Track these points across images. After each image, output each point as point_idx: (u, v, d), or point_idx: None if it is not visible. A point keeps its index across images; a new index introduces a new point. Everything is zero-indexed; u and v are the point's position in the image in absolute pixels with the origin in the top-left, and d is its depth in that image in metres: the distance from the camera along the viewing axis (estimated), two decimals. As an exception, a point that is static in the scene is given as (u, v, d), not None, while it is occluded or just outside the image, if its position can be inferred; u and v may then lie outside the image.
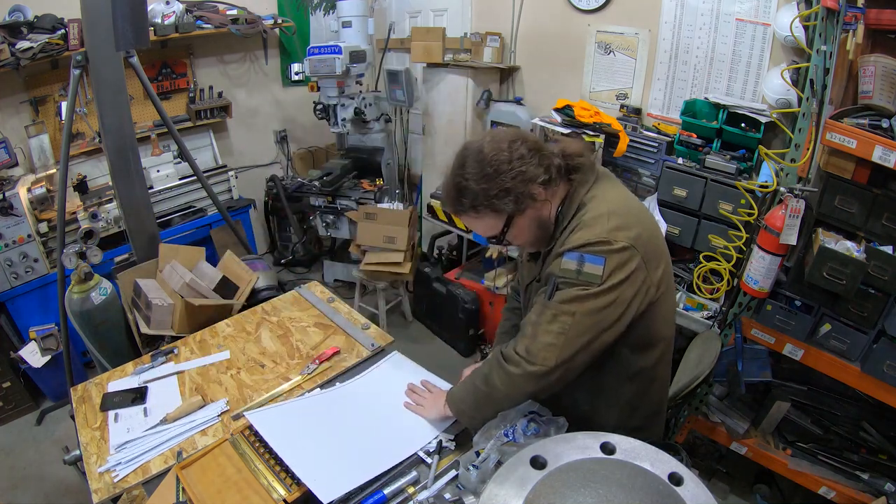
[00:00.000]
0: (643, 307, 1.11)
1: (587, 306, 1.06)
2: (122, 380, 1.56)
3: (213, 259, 2.33)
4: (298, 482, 1.14)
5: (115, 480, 1.22)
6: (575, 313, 1.06)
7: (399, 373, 1.51)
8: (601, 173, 1.21)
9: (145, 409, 1.43)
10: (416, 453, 1.26)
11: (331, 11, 3.81)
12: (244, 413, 1.33)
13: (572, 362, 1.09)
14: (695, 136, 2.44)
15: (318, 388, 1.48)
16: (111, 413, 1.42)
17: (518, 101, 3.13)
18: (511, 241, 1.20)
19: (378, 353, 1.62)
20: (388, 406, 1.39)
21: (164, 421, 1.37)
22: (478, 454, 1.16)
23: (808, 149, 1.77)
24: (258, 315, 1.83)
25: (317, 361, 1.56)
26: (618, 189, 1.20)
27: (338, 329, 1.72)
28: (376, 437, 1.29)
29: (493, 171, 1.10)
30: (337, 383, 1.50)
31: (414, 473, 1.21)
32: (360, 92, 3.41)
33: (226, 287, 2.12)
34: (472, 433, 1.22)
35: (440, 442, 1.28)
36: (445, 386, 1.42)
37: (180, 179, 3.25)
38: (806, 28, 2.02)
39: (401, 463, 1.22)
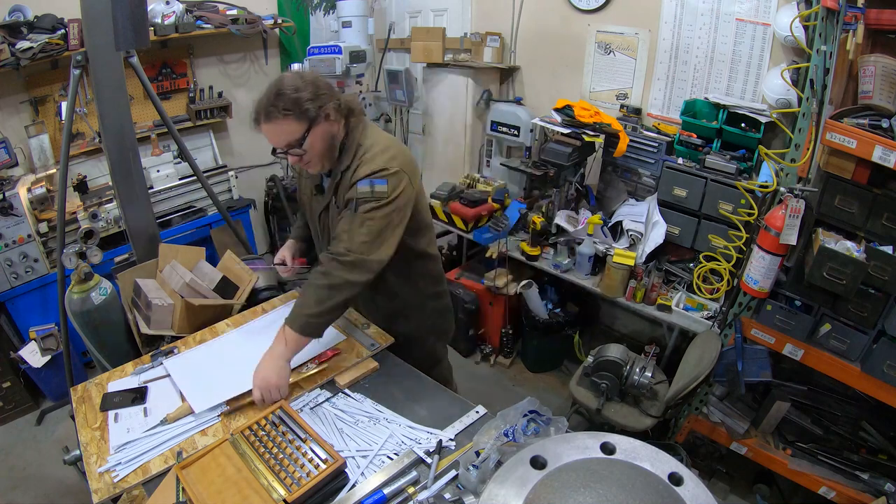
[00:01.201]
0: (411, 206, 1.54)
1: (381, 213, 1.46)
2: (122, 380, 1.56)
3: (213, 259, 2.33)
4: (299, 482, 1.14)
5: (115, 480, 1.22)
6: (374, 218, 1.45)
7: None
8: (367, 121, 1.60)
9: (145, 410, 1.43)
10: (417, 456, 1.26)
11: (331, 11, 3.82)
12: (163, 363, 1.58)
13: (380, 251, 1.47)
14: (695, 136, 2.44)
15: (324, 391, 1.48)
16: (111, 413, 1.42)
17: (518, 101, 3.13)
18: (305, 151, 1.44)
19: (378, 353, 1.62)
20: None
21: (164, 421, 1.38)
22: (478, 454, 1.16)
23: (808, 149, 1.77)
24: (258, 315, 1.83)
25: (316, 362, 1.56)
26: (380, 131, 1.61)
27: (339, 329, 1.72)
28: (255, 362, 1.45)
29: (304, 84, 1.40)
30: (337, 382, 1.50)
31: (414, 473, 1.21)
32: (360, 92, 3.41)
33: (226, 287, 2.12)
34: (472, 434, 1.22)
35: (440, 442, 1.28)
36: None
37: (180, 179, 3.25)
38: (806, 28, 2.02)
39: (407, 468, 1.22)
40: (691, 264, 2.54)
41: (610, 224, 2.69)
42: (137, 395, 1.47)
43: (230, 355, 1.62)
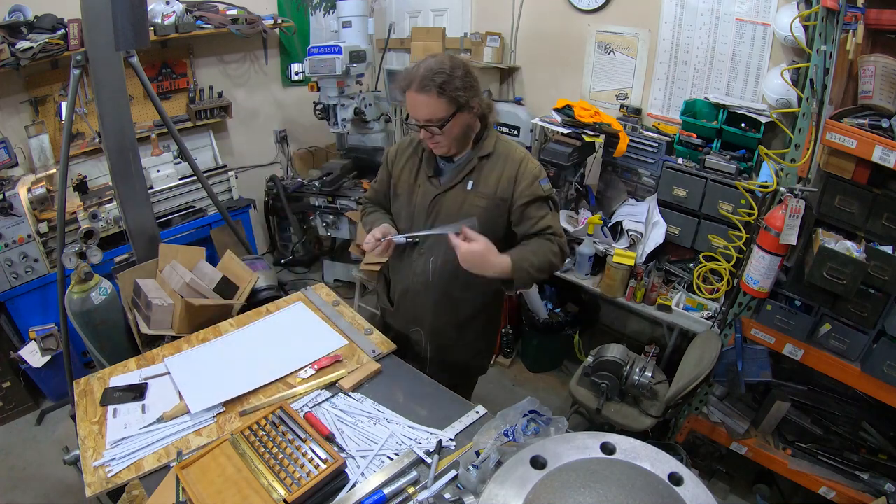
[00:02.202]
0: None
1: (558, 208, 1.64)
2: (124, 375, 1.57)
3: (213, 259, 2.33)
4: (299, 482, 1.14)
5: (109, 475, 1.23)
6: (558, 213, 1.64)
7: (296, 319, 1.78)
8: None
9: (143, 406, 1.44)
10: (417, 456, 1.26)
11: (331, 11, 3.82)
12: (164, 360, 1.59)
13: None
14: (695, 136, 2.44)
15: (325, 391, 1.48)
16: (110, 408, 1.43)
17: (518, 101, 3.13)
18: (443, 133, 1.48)
19: (381, 359, 1.62)
20: (276, 342, 1.67)
21: (160, 419, 1.38)
22: (478, 454, 1.16)
23: (808, 149, 1.77)
24: (262, 315, 1.83)
25: (315, 367, 1.55)
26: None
27: (341, 333, 1.72)
28: (255, 365, 1.54)
29: (463, 72, 1.45)
30: (339, 384, 1.50)
31: (414, 473, 1.21)
32: (360, 92, 3.41)
33: (226, 287, 2.12)
34: (472, 434, 1.22)
35: (440, 442, 1.28)
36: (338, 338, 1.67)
37: (180, 179, 3.24)
38: (806, 28, 2.02)
39: (407, 468, 1.22)
40: (691, 264, 2.54)
41: (610, 224, 2.69)
42: (137, 392, 1.47)
43: (231, 356, 1.63)
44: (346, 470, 1.22)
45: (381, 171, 1.77)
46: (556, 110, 2.77)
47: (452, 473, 1.21)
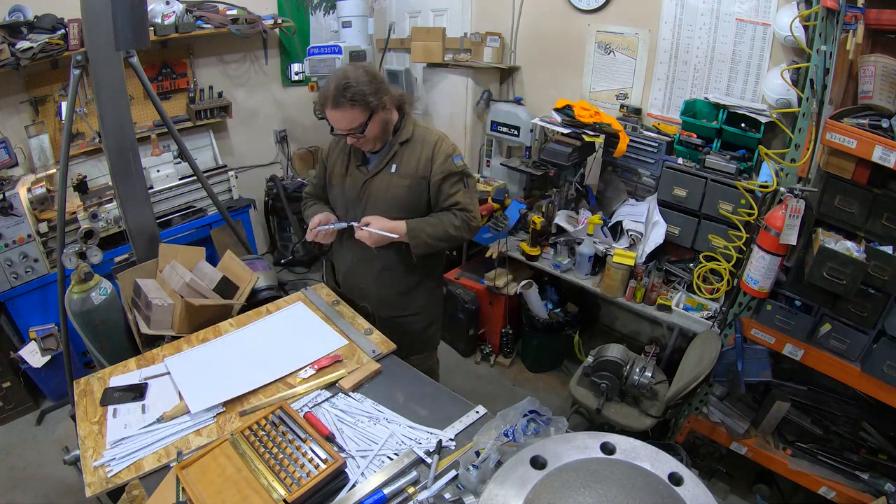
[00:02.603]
0: None
1: (473, 183, 1.86)
2: (124, 375, 1.57)
3: (213, 259, 2.33)
4: (299, 482, 1.14)
5: (109, 475, 1.23)
6: (476, 188, 1.81)
7: (296, 319, 1.80)
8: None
9: (143, 406, 1.44)
10: (417, 456, 1.26)
11: (331, 11, 3.82)
12: (164, 360, 1.59)
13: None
14: (695, 136, 2.44)
15: (326, 391, 1.48)
16: (110, 408, 1.43)
17: (518, 101, 3.13)
18: (365, 135, 1.67)
19: (381, 359, 1.62)
20: (276, 342, 1.68)
21: (160, 419, 1.38)
22: (478, 454, 1.16)
23: (808, 149, 1.77)
24: (262, 315, 1.83)
25: (315, 367, 1.55)
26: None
27: (340, 333, 1.72)
28: (255, 365, 1.56)
29: (368, 79, 1.62)
30: (340, 385, 1.50)
31: (414, 473, 1.21)
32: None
33: (226, 287, 2.12)
34: (472, 433, 1.22)
35: (440, 442, 1.28)
36: (338, 339, 1.72)
37: (180, 179, 3.24)
38: (806, 28, 2.02)
39: (407, 468, 1.22)
40: (691, 264, 2.54)
41: (610, 224, 2.69)
42: (137, 392, 1.47)
43: (231, 356, 1.63)
44: (346, 470, 1.22)
45: (318, 167, 1.98)
46: (556, 110, 2.77)
47: (452, 473, 1.21)
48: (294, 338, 1.70)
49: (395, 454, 1.27)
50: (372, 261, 1.85)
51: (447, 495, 1.15)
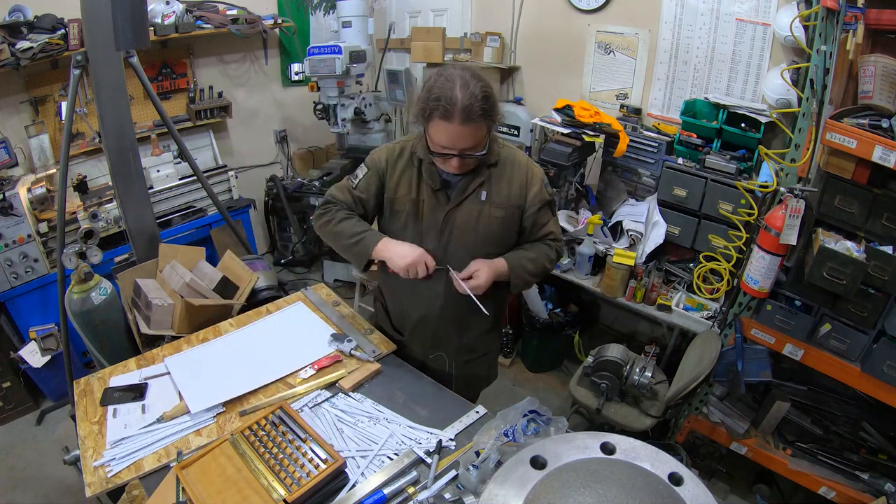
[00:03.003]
0: None
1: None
2: (124, 375, 1.57)
3: (213, 259, 2.33)
4: (299, 482, 1.14)
5: (109, 475, 1.23)
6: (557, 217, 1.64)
7: (296, 319, 1.78)
8: None
9: (143, 406, 1.44)
10: (417, 456, 1.26)
11: (331, 11, 3.81)
12: (164, 360, 1.59)
13: None
14: (695, 136, 2.44)
15: (326, 391, 1.48)
16: (110, 408, 1.43)
17: (518, 101, 3.13)
18: (479, 154, 1.40)
19: (381, 359, 1.62)
20: (276, 342, 1.66)
21: (160, 419, 1.38)
22: (478, 454, 1.16)
23: (808, 149, 1.77)
24: (262, 315, 1.83)
25: (315, 367, 1.55)
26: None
27: (341, 333, 1.72)
28: (255, 365, 1.55)
29: (493, 91, 1.35)
30: (339, 385, 1.50)
31: (414, 473, 1.21)
32: (360, 92, 3.41)
33: (226, 287, 2.12)
34: (472, 433, 1.23)
35: (440, 442, 1.28)
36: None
37: (180, 179, 3.24)
38: (806, 28, 2.02)
39: (408, 468, 1.22)
40: (691, 264, 2.54)
41: (610, 224, 2.69)
42: (137, 392, 1.47)
43: (231, 356, 1.63)
44: (346, 470, 1.22)
45: (369, 179, 1.54)
46: (556, 110, 2.77)
47: (452, 473, 1.21)
48: (294, 338, 1.69)
49: (395, 454, 1.27)
50: (451, 306, 1.57)
51: (447, 495, 1.15)
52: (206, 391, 1.45)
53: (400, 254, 1.45)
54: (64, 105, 2.82)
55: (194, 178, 3.05)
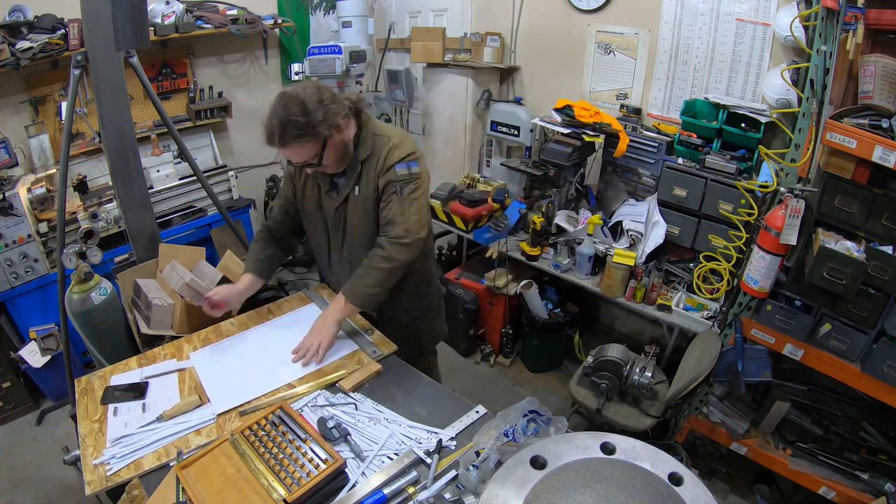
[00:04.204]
0: None
1: (420, 191, 1.62)
2: (125, 373, 1.57)
3: (213, 259, 2.33)
4: (299, 482, 1.14)
5: (109, 474, 1.23)
6: (418, 198, 1.61)
7: (308, 321, 1.70)
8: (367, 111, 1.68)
9: (144, 405, 1.44)
10: (417, 456, 1.26)
11: (331, 11, 3.82)
12: (190, 354, 1.61)
13: (425, 228, 1.64)
14: (695, 136, 2.44)
15: (326, 391, 1.48)
16: (111, 406, 1.43)
17: (518, 101, 3.13)
18: (323, 163, 1.53)
19: (382, 359, 1.62)
20: (290, 343, 1.63)
21: (160, 418, 1.38)
22: (478, 454, 1.16)
23: (808, 149, 1.77)
24: (264, 315, 1.83)
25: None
26: (381, 122, 1.73)
27: (340, 333, 1.72)
28: (277, 363, 1.57)
29: (313, 107, 1.44)
30: (339, 385, 1.50)
31: (414, 473, 1.21)
32: (360, 92, 3.41)
33: (226, 287, 2.12)
34: (472, 433, 1.23)
35: (440, 442, 1.28)
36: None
37: (180, 179, 3.24)
38: (806, 28, 2.02)
39: (408, 468, 1.22)
40: (691, 264, 2.54)
41: (610, 224, 2.69)
42: (138, 391, 1.48)
43: (250, 354, 1.64)
44: (346, 470, 1.22)
45: (285, 189, 1.80)
46: (556, 110, 2.77)
47: (452, 473, 1.21)
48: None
49: (395, 454, 1.27)
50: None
51: (447, 495, 1.15)
52: (229, 390, 1.47)
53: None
54: (64, 105, 2.82)
55: (194, 178, 3.05)
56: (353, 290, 1.60)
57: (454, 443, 1.30)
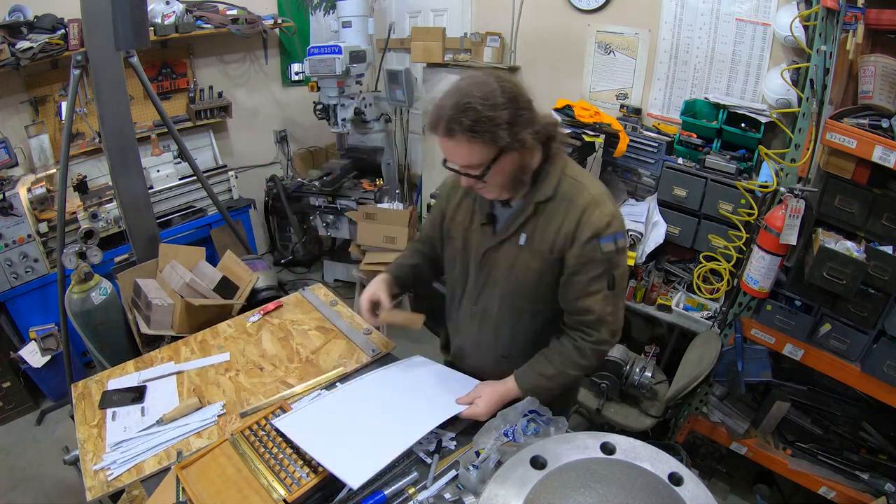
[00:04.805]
0: None
1: (626, 280, 1.29)
2: (122, 378, 1.56)
3: (213, 259, 2.33)
4: (299, 482, 1.14)
5: (109, 479, 1.23)
6: (625, 288, 1.31)
7: (411, 369, 1.52)
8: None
9: (143, 409, 1.43)
10: (417, 456, 1.26)
11: (331, 11, 3.82)
12: (272, 421, 1.28)
13: None
14: (695, 136, 2.44)
15: (326, 391, 1.48)
16: (109, 411, 1.42)
17: (518, 101, 3.12)
18: (487, 180, 1.17)
19: (381, 359, 1.62)
20: (403, 395, 1.40)
21: (160, 422, 1.37)
22: (478, 454, 1.16)
23: (808, 149, 1.77)
24: (260, 316, 1.83)
25: (261, 313, 1.75)
26: (576, 163, 1.30)
27: (339, 333, 1.72)
28: (396, 419, 1.30)
29: (503, 101, 1.10)
30: (339, 385, 1.50)
31: (414, 473, 1.21)
32: (360, 92, 3.41)
33: (226, 287, 2.12)
34: (472, 433, 1.23)
35: (440, 442, 1.28)
36: (470, 382, 1.42)
37: (180, 179, 3.25)
38: (806, 28, 2.02)
39: (408, 468, 1.22)
40: (691, 264, 2.54)
41: (610, 224, 2.68)
42: (136, 394, 1.47)
43: (359, 418, 1.33)
44: (346, 470, 1.21)
45: (434, 208, 1.48)
46: (556, 110, 2.77)
47: (452, 473, 1.20)
48: (419, 390, 1.43)
49: (396, 454, 1.26)
50: (490, 346, 1.41)
51: (447, 495, 1.15)
52: (359, 463, 1.16)
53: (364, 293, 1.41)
54: (64, 105, 2.82)
55: (194, 178, 3.06)
56: (529, 382, 1.30)
57: (454, 443, 1.30)
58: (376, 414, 1.33)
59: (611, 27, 2.81)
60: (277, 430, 1.25)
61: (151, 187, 3.01)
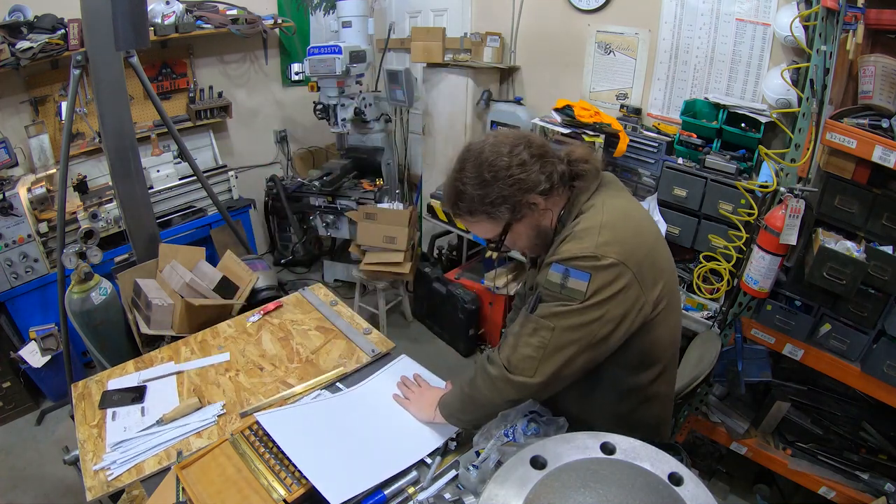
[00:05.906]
0: (635, 326, 1.08)
1: (567, 322, 1.04)
2: (122, 378, 1.56)
3: (213, 259, 2.33)
4: (299, 482, 1.14)
5: (110, 479, 1.23)
6: (554, 328, 1.04)
7: (398, 377, 1.49)
8: (606, 180, 1.18)
9: (143, 409, 1.43)
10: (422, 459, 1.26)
11: (331, 11, 3.82)
12: (254, 414, 1.30)
13: (555, 377, 1.08)
14: (695, 136, 2.44)
15: (326, 392, 1.48)
16: (109, 411, 1.42)
17: (518, 101, 3.13)
18: (510, 247, 1.20)
19: (380, 358, 1.62)
20: (395, 411, 1.39)
21: (160, 422, 1.37)
22: (478, 454, 1.16)
23: (808, 149, 1.77)
24: (260, 316, 1.83)
25: (261, 313, 1.75)
26: (620, 198, 1.16)
27: (339, 333, 1.72)
28: (384, 441, 1.29)
29: (491, 177, 1.08)
30: (340, 386, 1.50)
31: (414, 473, 1.21)
32: (360, 92, 3.41)
33: (226, 287, 2.12)
34: (472, 433, 1.23)
35: (440, 442, 1.28)
36: (439, 384, 1.45)
37: (180, 179, 3.25)
38: (806, 28, 2.02)
39: (408, 468, 1.22)
40: (691, 264, 2.54)
41: (610, 224, 2.68)
42: (136, 394, 1.47)
43: (346, 433, 1.31)
44: (346, 470, 1.21)
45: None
46: (556, 110, 2.77)
47: (452, 473, 1.20)
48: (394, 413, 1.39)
49: (396, 454, 1.26)
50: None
51: (447, 495, 1.15)
52: (343, 480, 1.15)
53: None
54: (64, 105, 2.82)
55: (194, 178, 3.06)
56: (447, 404, 1.27)
57: (454, 443, 1.30)
58: (365, 433, 1.31)
59: (611, 27, 2.81)
60: (262, 427, 1.25)
61: (151, 187, 3.01)
